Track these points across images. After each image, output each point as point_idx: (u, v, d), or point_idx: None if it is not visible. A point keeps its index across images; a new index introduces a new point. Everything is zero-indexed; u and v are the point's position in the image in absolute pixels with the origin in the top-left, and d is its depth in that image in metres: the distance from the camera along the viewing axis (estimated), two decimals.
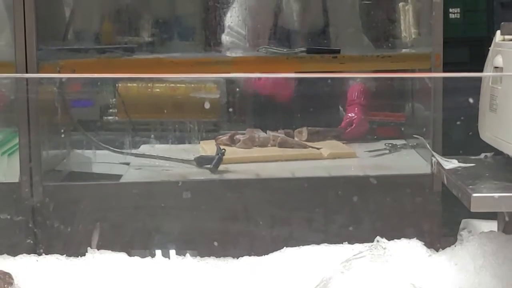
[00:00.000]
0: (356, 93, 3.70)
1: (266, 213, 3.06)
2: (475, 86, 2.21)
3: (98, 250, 1.99)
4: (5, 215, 3.02)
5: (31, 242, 3.01)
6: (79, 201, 3.08)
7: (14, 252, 2.04)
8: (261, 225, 3.04)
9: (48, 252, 2.04)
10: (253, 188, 3.11)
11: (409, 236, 2.00)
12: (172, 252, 2.00)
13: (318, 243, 2.04)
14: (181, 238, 2.94)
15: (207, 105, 3.37)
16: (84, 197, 3.09)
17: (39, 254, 2.03)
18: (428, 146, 2.21)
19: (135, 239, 2.99)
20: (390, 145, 3.55)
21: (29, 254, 2.01)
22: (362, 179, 3.19)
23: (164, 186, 3.13)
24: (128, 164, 3.39)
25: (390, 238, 1.97)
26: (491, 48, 2.08)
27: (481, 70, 2.16)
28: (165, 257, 2.00)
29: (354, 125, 3.64)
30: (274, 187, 3.13)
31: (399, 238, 1.98)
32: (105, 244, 2.14)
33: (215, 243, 2.69)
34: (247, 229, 3.02)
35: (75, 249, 2.08)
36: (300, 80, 3.53)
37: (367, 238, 2.01)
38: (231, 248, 2.50)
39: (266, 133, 3.55)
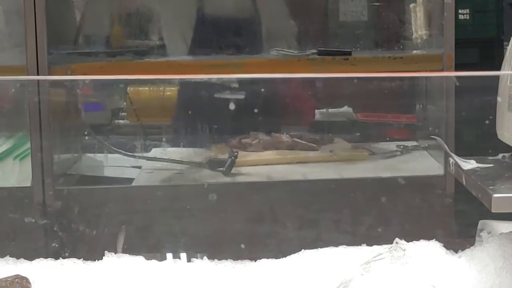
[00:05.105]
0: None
1: (283, 215, 3.06)
2: (487, 86, 2.19)
3: (115, 253, 1.98)
4: (18, 220, 3.02)
5: (47, 246, 3.01)
6: (92, 205, 3.07)
7: (30, 256, 2.03)
8: (278, 227, 3.03)
9: (64, 256, 2.04)
10: (267, 190, 3.10)
11: (426, 238, 1.99)
12: (190, 254, 1.99)
13: (335, 245, 2.03)
14: (199, 240, 2.94)
15: (231, 106, 3.36)
16: (96, 201, 3.09)
17: (56, 258, 2.02)
18: (445, 146, 2.19)
19: (150, 242, 2.98)
20: (401, 146, 3.54)
21: (46, 258, 2.00)
22: (374, 181, 3.19)
23: (176, 189, 3.13)
24: (139, 167, 3.38)
25: (406, 239, 1.96)
26: (508, 48, 2.07)
27: (491, 71, 2.14)
28: (183, 260, 1.99)
29: None
30: (288, 189, 3.12)
31: (416, 239, 1.97)
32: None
33: (232, 245, 2.68)
34: (265, 231, 3.01)
35: (91, 253, 2.07)
36: (310, 82, 3.52)
37: (384, 239, 2.00)
38: (248, 251, 2.49)
39: (271, 136, 3.53)
